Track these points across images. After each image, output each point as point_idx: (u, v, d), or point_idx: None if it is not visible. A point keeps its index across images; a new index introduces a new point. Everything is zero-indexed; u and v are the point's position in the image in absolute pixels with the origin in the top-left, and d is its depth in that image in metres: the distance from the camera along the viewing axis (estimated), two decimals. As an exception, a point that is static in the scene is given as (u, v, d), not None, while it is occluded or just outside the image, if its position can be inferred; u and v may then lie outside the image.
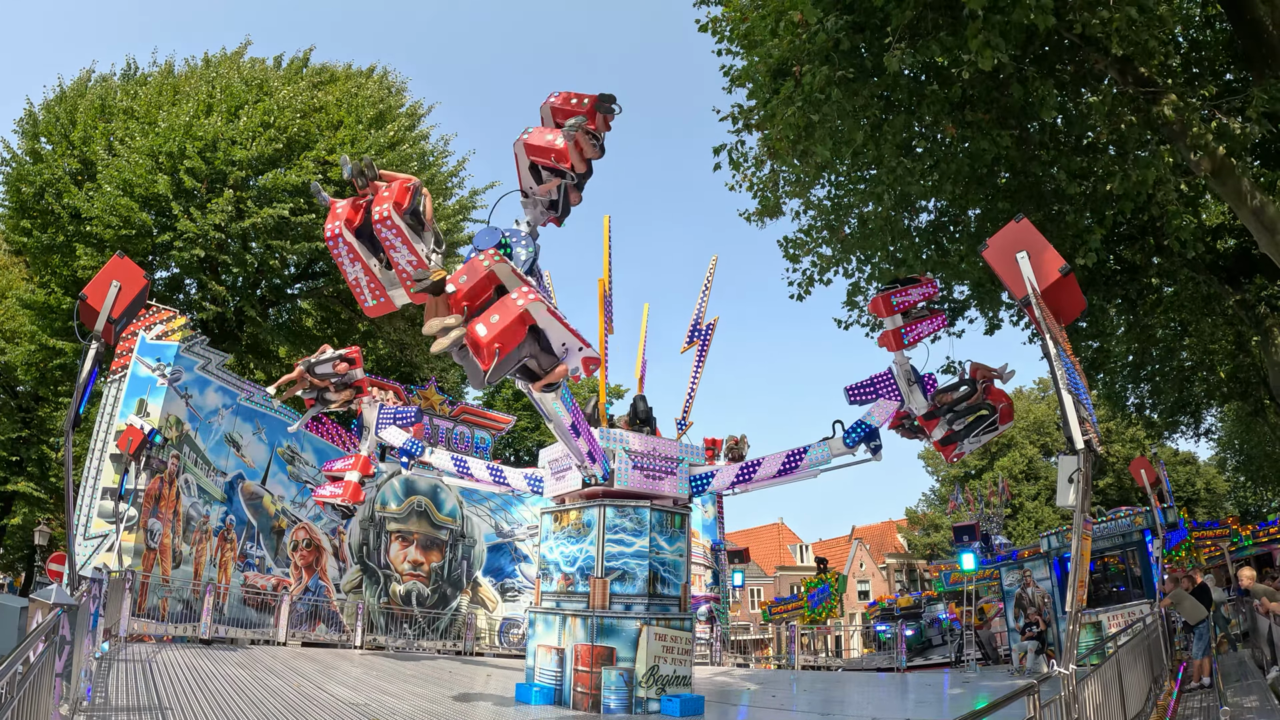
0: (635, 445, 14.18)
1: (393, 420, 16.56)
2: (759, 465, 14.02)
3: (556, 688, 13.10)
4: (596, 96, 10.68)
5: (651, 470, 14.12)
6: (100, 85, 27.45)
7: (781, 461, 13.76)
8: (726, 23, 15.01)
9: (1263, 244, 13.48)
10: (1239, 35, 14.24)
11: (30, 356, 26.60)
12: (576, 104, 10.69)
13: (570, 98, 10.80)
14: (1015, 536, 50.68)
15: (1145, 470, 20.04)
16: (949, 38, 11.56)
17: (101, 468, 18.40)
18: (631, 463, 13.99)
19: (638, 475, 14.01)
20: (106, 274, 9.34)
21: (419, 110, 30.74)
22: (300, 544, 23.26)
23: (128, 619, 16.60)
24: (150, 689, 11.06)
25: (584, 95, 10.75)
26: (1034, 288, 7.90)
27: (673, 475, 14.28)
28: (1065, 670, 6.46)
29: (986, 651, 25.94)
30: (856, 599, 61.71)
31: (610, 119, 10.87)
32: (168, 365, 19.82)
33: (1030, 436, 59.44)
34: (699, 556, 28.47)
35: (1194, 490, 53.91)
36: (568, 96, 10.82)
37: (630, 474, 13.96)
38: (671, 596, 13.49)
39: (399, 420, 16.61)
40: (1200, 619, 14.68)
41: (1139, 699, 10.73)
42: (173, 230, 24.17)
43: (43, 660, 5.85)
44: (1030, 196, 14.82)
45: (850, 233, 16.59)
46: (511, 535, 27.48)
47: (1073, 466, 7.27)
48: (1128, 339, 21.66)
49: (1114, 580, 22.09)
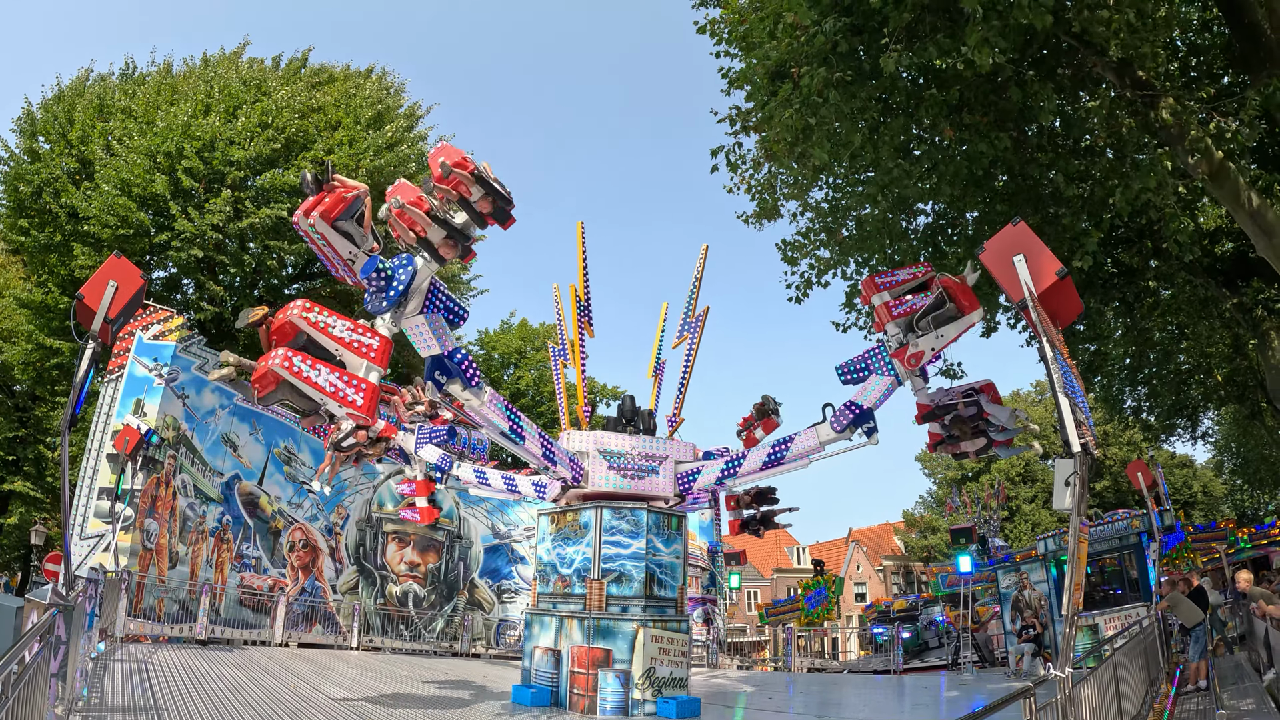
0: (614, 446, 14.16)
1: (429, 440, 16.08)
2: (744, 458, 13.68)
3: (553, 689, 13.09)
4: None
5: (632, 470, 14.06)
6: (99, 85, 27.44)
7: (767, 452, 13.36)
8: (725, 24, 15.02)
9: (1260, 247, 13.50)
10: (1237, 39, 14.27)
11: (27, 356, 26.57)
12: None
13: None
14: (1012, 539, 50.71)
15: (1142, 473, 20.06)
16: (947, 40, 11.57)
17: (98, 467, 18.38)
18: (608, 463, 13.97)
19: (616, 475, 13.98)
20: (103, 273, 9.32)
21: (417, 111, 30.77)
22: (297, 545, 23.23)
23: (123, 619, 16.58)
24: (146, 689, 11.04)
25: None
26: (1031, 291, 7.91)
27: (656, 474, 14.15)
28: (1061, 673, 6.45)
29: (983, 654, 25.95)
30: (853, 601, 61.73)
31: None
32: (165, 365, 19.79)
33: (1026, 438, 59.42)
34: (696, 558, 28.48)
35: (1191, 493, 54.01)
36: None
37: (607, 475, 13.94)
38: (668, 598, 13.49)
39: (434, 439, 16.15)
40: (1197, 622, 14.68)
41: (1135, 702, 10.73)
42: (170, 230, 24.16)
43: (38, 660, 5.83)
44: (1028, 200, 14.82)
45: (848, 235, 16.59)
46: (508, 537, 27.45)
47: (1069, 469, 7.27)
48: (1125, 342, 21.67)
49: (1111, 583, 22.11)
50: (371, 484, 25.49)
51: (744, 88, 14.82)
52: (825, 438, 12.71)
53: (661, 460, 14.28)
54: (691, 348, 16.94)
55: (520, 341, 41.00)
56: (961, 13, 11.25)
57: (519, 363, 40.59)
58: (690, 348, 16.95)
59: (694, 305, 17.05)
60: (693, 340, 16.89)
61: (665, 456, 14.36)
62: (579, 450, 14.17)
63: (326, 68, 29.98)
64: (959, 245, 16.02)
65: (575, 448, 14.17)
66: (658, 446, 14.47)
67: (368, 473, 25.45)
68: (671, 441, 14.88)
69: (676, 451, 14.57)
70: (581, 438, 14.23)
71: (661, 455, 14.35)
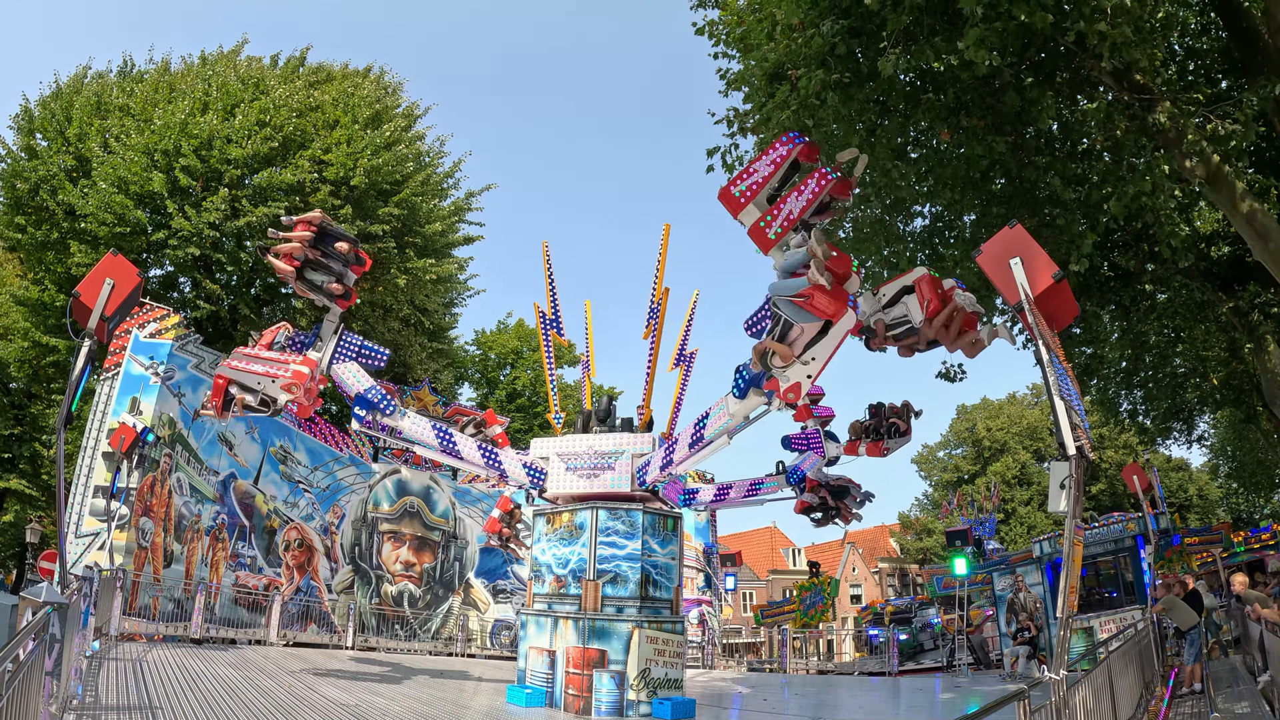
0: (566, 448, 14.28)
1: (357, 355, 14.10)
2: (675, 443, 13.20)
3: (548, 690, 13.08)
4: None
5: (586, 469, 14.05)
6: (96, 82, 27.37)
7: (691, 432, 12.79)
8: (724, 26, 15.04)
9: (1256, 251, 13.53)
10: (1234, 43, 14.32)
11: (23, 353, 26.51)
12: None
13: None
14: (1007, 542, 50.78)
15: (1138, 476, 20.10)
16: (944, 43, 11.59)
17: (94, 466, 18.33)
18: (565, 465, 13.98)
19: (572, 477, 14.04)
20: (100, 271, 9.32)
21: (415, 111, 30.70)
22: (292, 544, 23.21)
23: (118, 618, 16.54)
24: (141, 688, 11.02)
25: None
26: (1027, 293, 7.93)
27: (613, 470, 13.96)
28: (1056, 675, 6.46)
29: (978, 656, 25.97)
30: (849, 603, 61.74)
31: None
32: (161, 363, 19.76)
33: (1023, 442, 59.61)
34: (691, 559, 28.47)
35: (1186, 497, 54.09)
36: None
37: (564, 477, 14.05)
38: (663, 599, 13.48)
39: (365, 358, 14.14)
40: (1192, 625, 14.72)
41: (1130, 705, 10.75)
42: (167, 228, 24.10)
43: (32, 658, 5.82)
44: (1025, 203, 14.85)
45: (844, 237, 16.62)
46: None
47: (1065, 472, 7.28)
48: (1121, 345, 21.70)
49: (1106, 586, 22.16)
50: (367, 484, 25.48)
51: (742, 89, 14.83)
52: (733, 408, 12.10)
53: (616, 456, 14.01)
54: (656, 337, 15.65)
55: (517, 342, 41.02)
56: (960, 15, 11.27)
57: (515, 363, 40.61)
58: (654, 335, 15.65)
59: (658, 289, 15.80)
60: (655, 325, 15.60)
61: (621, 452, 14.03)
62: (542, 456, 14.46)
63: (324, 67, 29.93)
64: (956, 248, 16.04)
65: (539, 454, 14.51)
66: (611, 442, 14.17)
67: (363, 472, 25.45)
68: (626, 435, 14.38)
69: (636, 444, 14.12)
70: (545, 444, 14.53)
71: (616, 451, 14.04)
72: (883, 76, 11.86)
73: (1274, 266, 13.17)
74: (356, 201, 26.36)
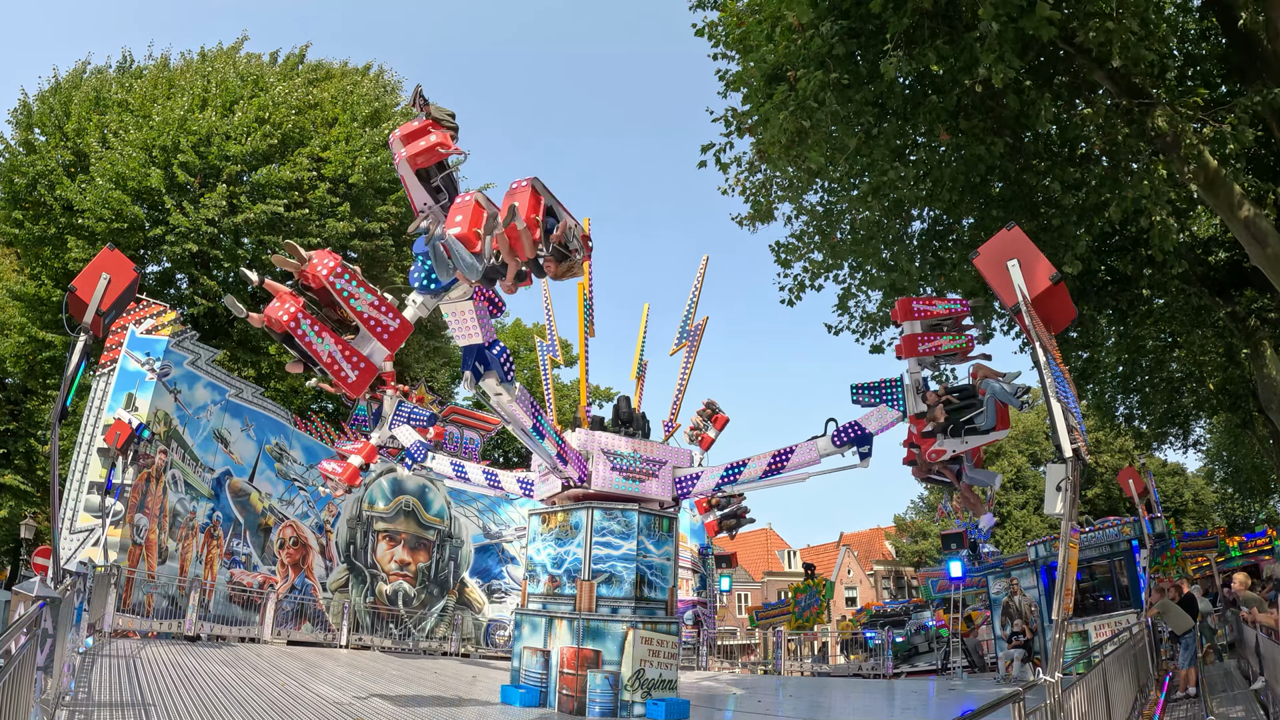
0: (616, 447, 14.21)
1: (407, 419, 16.37)
2: (745, 465, 13.93)
3: (542, 690, 13.07)
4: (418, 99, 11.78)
5: (634, 472, 14.10)
6: (95, 77, 27.33)
7: (768, 462, 13.65)
8: (723, 27, 15.04)
9: (1254, 256, 13.54)
10: (1232, 48, 14.34)
11: (19, 349, 26.45)
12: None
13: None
14: (1003, 545, 50.77)
15: (1133, 480, 20.14)
16: (946, 46, 11.59)
17: (88, 462, 18.27)
18: (611, 464, 13.98)
19: (618, 477, 14.01)
20: (96, 266, 9.29)
21: (414, 110, 30.69)
22: (287, 542, 23.16)
23: (112, 614, 16.50)
24: (134, 685, 10.99)
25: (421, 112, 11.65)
26: (1024, 296, 7.93)
27: (656, 478, 14.26)
28: (1051, 678, 6.46)
29: (973, 659, 25.96)
30: (844, 605, 61.74)
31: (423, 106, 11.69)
32: (157, 360, 19.71)
33: (1019, 445, 59.60)
34: (686, 560, 28.45)
35: (1182, 501, 54.14)
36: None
37: (609, 476, 13.98)
38: (658, 600, 13.47)
39: (414, 420, 16.46)
40: (1187, 629, 14.73)
41: (1124, 708, 10.75)
42: (165, 224, 24.07)
43: (24, 653, 5.79)
44: (1024, 206, 14.86)
45: (842, 239, 16.63)
46: (499, 537, 27.40)
47: (1061, 475, 7.28)
48: (1118, 350, 21.73)
49: (1101, 589, 22.17)
50: (363, 482, 25.41)
51: (740, 90, 14.83)
52: (824, 450, 13.11)
53: (661, 464, 14.38)
54: (690, 357, 17.17)
55: (514, 341, 41.05)
56: (960, 19, 11.28)
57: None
58: (689, 356, 17.17)
59: (693, 315, 17.30)
60: (691, 349, 17.13)
61: (664, 461, 14.46)
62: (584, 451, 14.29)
63: (324, 64, 29.92)
64: (954, 250, 16.05)
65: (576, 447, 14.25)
66: (658, 451, 14.60)
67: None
68: (669, 447, 14.99)
69: (675, 457, 14.69)
70: (582, 437, 14.28)
71: (661, 460, 14.45)
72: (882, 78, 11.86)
73: (1271, 272, 13.18)
74: (355, 199, 26.34)
